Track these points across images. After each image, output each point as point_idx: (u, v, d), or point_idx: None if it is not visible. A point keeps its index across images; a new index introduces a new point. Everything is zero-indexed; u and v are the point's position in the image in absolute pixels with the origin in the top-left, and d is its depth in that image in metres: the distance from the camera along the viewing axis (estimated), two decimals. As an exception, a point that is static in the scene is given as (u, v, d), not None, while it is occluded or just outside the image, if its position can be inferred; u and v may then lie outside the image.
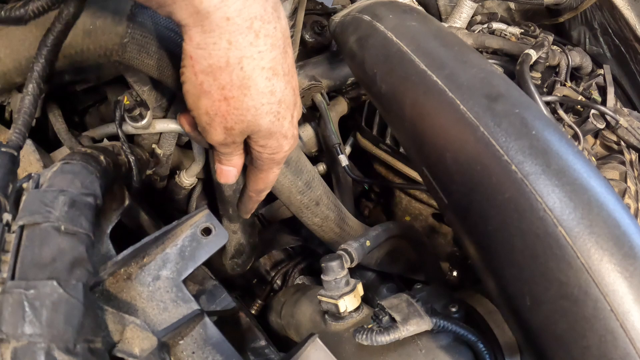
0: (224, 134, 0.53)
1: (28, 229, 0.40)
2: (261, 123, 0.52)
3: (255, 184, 0.64)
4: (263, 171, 0.62)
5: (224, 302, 0.72)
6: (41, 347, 0.34)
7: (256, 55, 0.48)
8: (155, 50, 0.62)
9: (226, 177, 0.62)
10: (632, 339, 0.41)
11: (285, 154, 0.59)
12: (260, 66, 0.49)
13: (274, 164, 0.60)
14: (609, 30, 1.23)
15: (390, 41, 0.65)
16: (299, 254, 1.25)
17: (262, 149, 0.57)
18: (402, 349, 0.65)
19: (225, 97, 0.50)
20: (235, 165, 0.61)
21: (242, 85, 0.49)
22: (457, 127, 0.54)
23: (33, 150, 0.68)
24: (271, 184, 0.65)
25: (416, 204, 1.11)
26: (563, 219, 0.45)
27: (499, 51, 1.12)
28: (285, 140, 0.57)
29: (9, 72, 0.58)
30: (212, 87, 0.49)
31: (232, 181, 0.63)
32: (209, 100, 0.50)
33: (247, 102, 0.50)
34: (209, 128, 0.53)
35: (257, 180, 0.64)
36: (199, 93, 0.50)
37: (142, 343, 0.44)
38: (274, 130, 0.54)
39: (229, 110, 0.51)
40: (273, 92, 0.51)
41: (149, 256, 0.54)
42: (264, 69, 0.49)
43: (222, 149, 0.58)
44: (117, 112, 0.74)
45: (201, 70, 0.49)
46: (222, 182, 0.63)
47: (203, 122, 0.53)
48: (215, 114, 0.51)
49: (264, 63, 0.49)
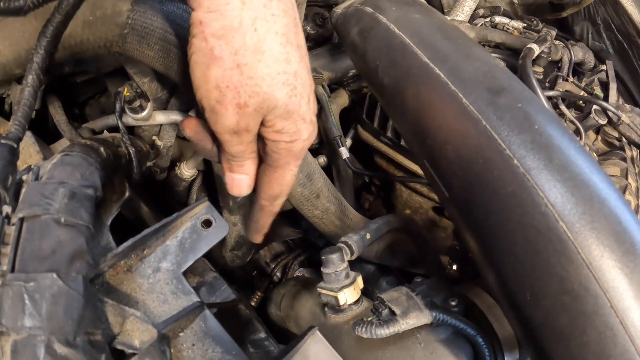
0: (236, 114, 0.48)
1: (28, 221, 0.40)
2: (278, 96, 0.48)
3: (270, 187, 0.58)
4: (278, 168, 0.56)
5: (223, 294, 0.72)
6: (41, 339, 0.34)
7: (269, 17, 0.46)
8: (156, 41, 0.62)
9: (239, 187, 0.56)
10: (631, 335, 0.41)
11: (304, 145, 0.54)
12: (274, 30, 0.46)
13: (291, 157, 0.54)
14: (612, 26, 1.22)
15: (393, 33, 0.64)
16: (299, 246, 1.25)
17: (279, 136, 0.51)
18: (401, 342, 0.65)
19: (238, 63, 0.46)
20: (247, 173, 0.56)
21: (257, 49, 0.46)
22: (459, 120, 0.54)
23: (33, 142, 0.68)
24: (287, 188, 0.59)
25: (416, 197, 1.11)
26: (565, 214, 0.44)
27: (501, 45, 1.11)
28: (304, 124, 0.52)
29: (9, 63, 0.58)
30: (224, 52, 0.45)
31: (245, 192, 0.57)
32: (219, 69, 0.46)
33: (261, 69, 0.46)
34: (219, 108, 0.48)
35: (271, 182, 0.57)
36: (208, 61, 0.46)
37: (142, 335, 0.44)
38: (292, 108, 0.49)
39: (241, 80, 0.46)
40: (288, 60, 0.48)
41: (149, 248, 0.54)
42: (278, 33, 0.46)
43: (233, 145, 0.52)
44: (117, 103, 0.74)
45: (212, 33, 0.45)
46: (234, 195, 0.57)
47: (212, 100, 0.48)
48: (227, 86, 0.46)
49: (277, 27, 0.46)
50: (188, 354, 0.49)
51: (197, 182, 1.03)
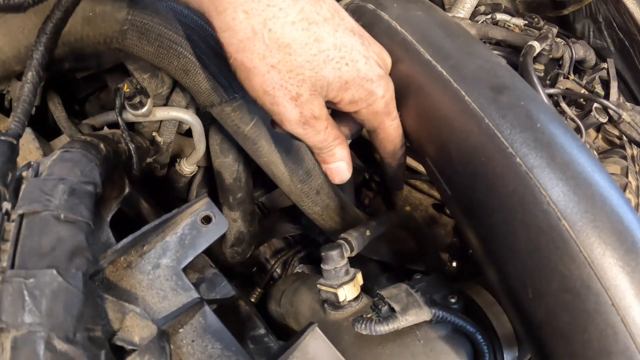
0: (294, 107, 0.49)
1: (27, 218, 0.40)
2: (325, 74, 0.49)
3: (383, 146, 0.60)
4: (377, 130, 0.57)
5: (223, 290, 0.72)
6: (41, 336, 0.34)
7: (278, 13, 0.46)
8: (156, 38, 0.62)
9: (339, 174, 0.58)
10: (632, 333, 0.41)
11: (385, 100, 0.54)
12: (290, 21, 0.47)
13: (380, 115, 0.55)
14: (613, 24, 1.22)
15: (395, 30, 0.64)
16: (299, 242, 1.25)
17: (355, 106, 0.53)
18: (400, 339, 0.65)
19: (271, 65, 0.47)
20: (341, 158, 0.57)
21: (280, 45, 0.47)
22: (462, 118, 0.54)
23: (33, 138, 0.68)
24: (397, 138, 0.60)
25: (417, 194, 1.11)
26: (567, 212, 0.44)
27: (502, 42, 1.11)
28: (372, 83, 0.52)
29: (8, 60, 0.58)
30: (254, 61, 0.47)
31: (346, 177, 0.58)
32: (258, 78, 0.48)
33: (295, 60, 0.47)
34: (277, 109, 0.50)
35: (381, 143, 0.59)
36: (247, 74, 0.48)
37: (142, 331, 0.44)
38: (348, 77, 0.50)
39: (283, 77, 0.48)
40: (319, 39, 0.48)
41: (148, 244, 0.54)
42: (295, 22, 0.47)
43: (311, 137, 0.52)
44: (117, 99, 0.74)
45: (235, 50, 0.47)
46: (337, 182, 0.59)
47: (268, 104, 0.50)
48: (273, 87, 0.48)
49: (291, 18, 0.47)
50: (188, 350, 0.49)
51: (197, 178, 1.03)
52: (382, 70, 0.54)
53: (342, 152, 0.57)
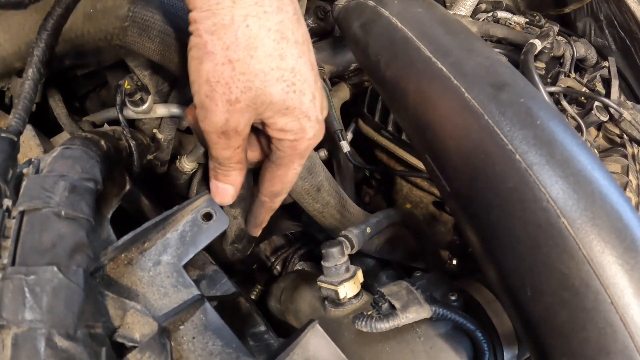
0: (225, 111, 0.47)
1: (28, 215, 0.40)
2: (272, 91, 0.47)
3: (271, 184, 0.57)
4: (282, 166, 0.55)
5: (224, 287, 0.72)
6: (42, 332, 0.34)
7: (262, 15, 0.46)
8: (157, 34, 0.62)
9: (222, 196, 0.56)
10: (631, 332, 0.41)
11: (309, 144, 0.53)
12: (267, 27, 0.46)
13: (295, 155, 0.54)
14: (614, 23, 1.22)
15: (395, 27, 0.64)
16: (299, 239, 1.25)
17: (283, 134, 0.51)
18: (401, 336, 0.65)
19: (230, 59, 0.46)
20: (232, 183, 0.55)
21: (249, 45, 0.46)
22: (462, 115, 0.54)
23: (33, 135, 0.68)
24: (289, 185, 0.58)
25: (417, 192, 1.11)
26: (566, 210, 0.44)
27: (503, 40, 1.11)
28: (308, 122, 0.51)
29: (9, 57, 0.58)
30: (216, 47, 0.46)
31: (227, 202, 0.56)
32: (211, 64, 0.46)
33: (254, 65, 0.46)
34: (208, 103, 0.47)
35: (273, 179, 0.57)
36: (202, 55, 0.47)
37: (143, 328, 0.44)
38: (291, 104, 0.49)
39: (233, 75, 0.46)
40: (283, 56, 0.47)
41: (149, 241, 0.53)
42: (271, 30, 0.47)
43: (220, 149, 0.51)
44: (118, 96, 0.74)
45: (205, 29, 0.46)
46: (217, 202, 0.56)
47: (202, 94, 0.47)
48: (218, 80, 0.46)
49: (270, 24, 0.46)
50: (188, 347, 0.49)
51: (197, 175, 1.03)
52: (320, 116, 0.53)
53: (237, 178, 0.55)
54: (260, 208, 0.62)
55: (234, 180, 0.55)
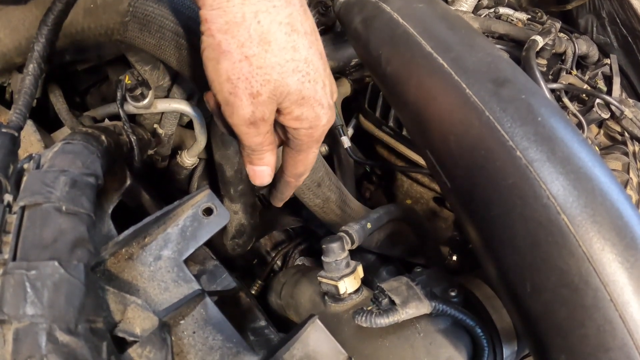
0: (250, 104, 0.49)
1: (29, 210, 0.40)
2: (289, 82, 0.49)
3: (294, 167, 0.60)
4: (302, 152, 0.57)
5: (224, 282, 0.72)
6: (43, 327, 0.34)
7: (271, 9, 0.47)
8: (157, 29, 0.62)
9: (260, 178, 0.58)
10: (630, 329, 0.41)
11: (323, 129, 0.55)
12: (278, 21, 0.48)
13: (313, 141, 0.56)
14: (616, 20, 1.22)
15: (396, 22, 0.64)
16: (299, 235, 1.25)
17: (299, 123, 0.53)
18: (400, 331, 0.65)
19: (246, 55, 0.47)
20: (268, 164, 0.57)
21: (262, 39, 0.47)
22: (462, 111, 0.53)
23: (34, 130, 0.68)
24: (311, 165, 0.61)
25: (417, 187, 1.11)
26: (566, 206, 0.44)
27: (505, 36, 1.11)
28: (322, 109, 0.53)
29: (9, 52, 0.58)
30: (231, 46, 0.47)
31: (267, 181, 0.59)
32: (229, 62, 0.48)
33: (269, 59, 0.48)
34: (233, 99, 0.49)
35: (295, 164, 0.59)
36: (218, 55, 0.48)
37: (143, 323, 0.44)
38: (306, 94, 0.51)
39: (251, 70, 0.48)
40: (295, 48, 0.49)
41: (150, 236, 0.54)
42: (282, 23, 0.48)
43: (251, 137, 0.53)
44: (119, 91, 0.74)
45: (218, 29, 0.47)
46: (257, 184, 0.59)
47: (226, 92, 0.49)
48: (238, 77, 0.48)
49: (280, 18, 0.48)
50: (189, 342, 0.49)
51: (198, 170, 1.03)
52: (331, 101, 0.55)
53: (271, 158, 0.57)
54: (286, 186, 0.65)
55: (269, 160, 0.57)
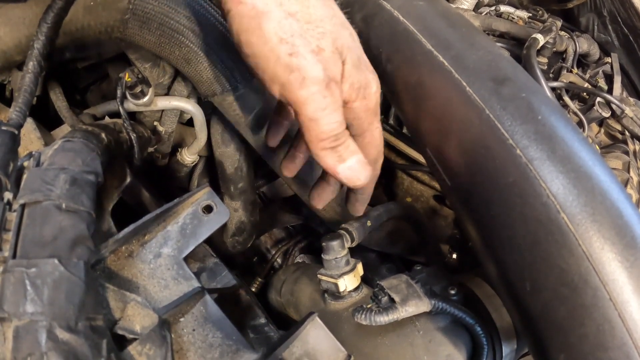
0: (317, 61, 0.42)
1: (29, 208, 0.40)
2: (345, 35, 0.44)
3: (367, 153, 0.53)
4: (367, 132, 0.51)
5: (224, 279, 0.72)
6: (43, 325, 0.34)
7: None
8: (157, 27, 0.62)
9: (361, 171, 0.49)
10: (629, 328, 0.41)
11: (377, 97, 0.49)
12: None
13: (372, 114, 0.50)
14: (618, 19, 1.21)
15: (397, 20, 0.64)
16: (299, 232, 1.25)
17: (354, 94, 0.46)
18: (400, 329, 0.65)
19: (289, 12, 0.42)
20: (358, 151, 0.49)
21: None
22: (463, 109, 0.53)
23: (34, 128, 0.68)
24: (382, 145, 0.54)
25: (418, 186, 1.11)
26: (566, 205, 0.44)
27: (505, 34, 1.11)
28: (371, 73, 0.48)
29: (9, 50, 0.58)
30: (269, 5, 0.42)
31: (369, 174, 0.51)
32: (274, 22, 0.42)
33: (315, 13, 0.43)
34: (297, 61, 0.42)
35: (366, 149, 0.52)
36: (258, 20, 0.42)
37: (143, 320, 0.44)
38: (360, 52, 0.46)
39: (301, 27, 0.42)
40: (332, 7, 0.45)
41: (150, 234, 0.54)
42: None
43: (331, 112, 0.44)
44: (119, 89, 0.74)
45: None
46: (359, 185, 0.50)
47: (284, 56, 0.42)
48: (291, 34, 0.42)
49: None
50: (189, 339, 0.49)
51: (198, 167, 1.03)
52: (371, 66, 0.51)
53: (355, 145, 0.49)
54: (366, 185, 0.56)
55: (356, 147, 0.49)
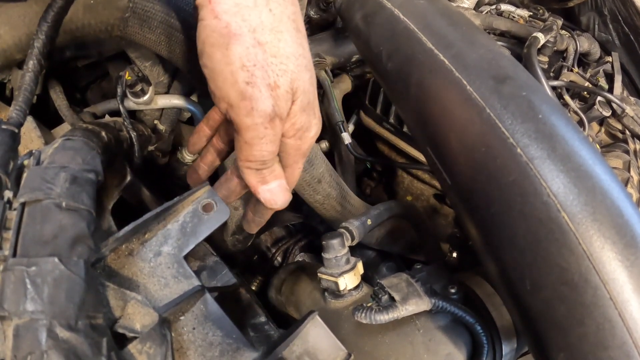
0: (270, 97, 0.43)
1: (29, 206, 0.40)
2: (304, 78, 0.44)
3: None
4: (289, 168, 0.52)
5: (224, 278, 0.72)
6: (43, 323, 0.34)
7: (281, 2, 0.44)
8: (157, 25, 0.61)
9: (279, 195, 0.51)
10: (629, 328, 0.41)
11: (311, 142, 0.51)
12: (287, 14, 0.44)
13: (300, 155, 0.51)
14: (618, 18, 1.21)
15: (397, 19, 0.64)
16: (300, 231, 1.25)
17: (293, 133, 0.48)
18: (400, 328, 0.65)
19: (259, 41, 0.42)
20: (281, 176, 0.50)
21: (274, 28, 0.43)
22: (463, 107, 0.53)
23: (34, 127, 0.68)
24: (294, 184, 0.55)
25: (418, 184, 1.11)
26: (567, 204, 0.44)
27: (506, 33, 1.10)
28: (315, 118, 0.49)
29: (9, 48, 0.58)
30: (243, 29, 0.42)
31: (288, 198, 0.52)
32: (241, 47, 0.42)
33: (284, 49, 0.44)
34: (251, 91, 0.42)
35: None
36: (227, 40, 0.42)
37: (143, 319, 0.45)
38: (311, 98, 0.46)
39: (266, 59, 0.43)
40: (303, 46, 0.45)
41: (150, 232, 0.54)
42: (289, 18, 0.45)
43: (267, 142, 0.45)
44: (119, 87, 0.74)
45: (225, 10, 0.42)
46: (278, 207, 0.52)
47: (241, 82, 0.42)
48: (254, 64, 0.42)
49: (288, 13, 0.45)
50: (189, 338, 0.49)
51: (198, 166, 1.03)
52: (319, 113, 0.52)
53: (280, 169, 0.50)
54: (265, 208, 0.58)
55: (280, 172, 0.51)
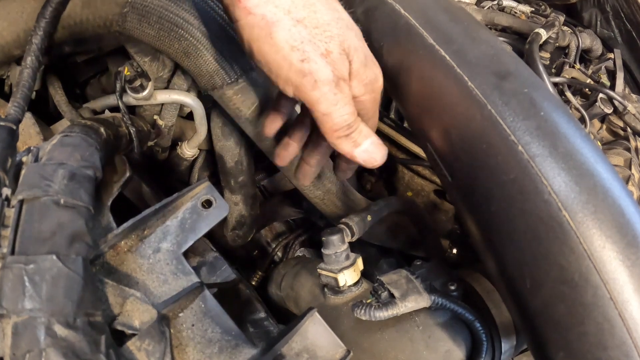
0: (327, 64, 0.46)
1: (27, 203, 0.40)
2: (351, 36, 0.47)
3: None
4: (371, 119, 0.55)
5: (224, 273, 0.72)
6: (41, 321, 0.34)
7: None
8: (156, 20, 0.61)
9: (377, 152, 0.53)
10: (629, 328, 0.41)
11: (381, 89, 0.52)
12: None
13: (377, 104, 0.53)
14: (621, 14, 1.20)
15: (398, 13, 0.63)
16: (300, 226, 1.25)
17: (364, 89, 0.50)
18: (399, 324, 0.65)
19: (297, 19, 0.45)
20: (371, 134, 0.52)
21: (305, 4, 0.46)
22: (464, 104, 0.53)
23: (33, 123, 0.68)
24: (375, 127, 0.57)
25: (418, 180, 1.11)
26: (568, 203, 0.44)
27: (508, 29, 1.10)
28: (377, 68, 0.51)
29: (7, 44, 0.58)
30: (278, 14, 0.45)
31: (385, 155, 0.53)
32: (283, 31, 0.45)
33: (322, 17, 0.46)
34: (308, 66, 0.45)
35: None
36: (268, 30, 0.45)
37: (142, 316, 0.45)
38: (367, 52, 0.49)
39: (310, 32, 0.46)
40: (337, 9, 0.48)
41: (149, 228, 0.54)
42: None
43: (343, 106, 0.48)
44: (118, 83, 0.73)
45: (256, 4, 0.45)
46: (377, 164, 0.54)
47: (296, 62, 0.45)
48: (301, 41, 0.45)
49: None
50: (188, 334, 0.49)
51: (198, 161, 1.03)
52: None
53: (367, 128, 0.52)
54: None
55: (369, 131, 0.52)
